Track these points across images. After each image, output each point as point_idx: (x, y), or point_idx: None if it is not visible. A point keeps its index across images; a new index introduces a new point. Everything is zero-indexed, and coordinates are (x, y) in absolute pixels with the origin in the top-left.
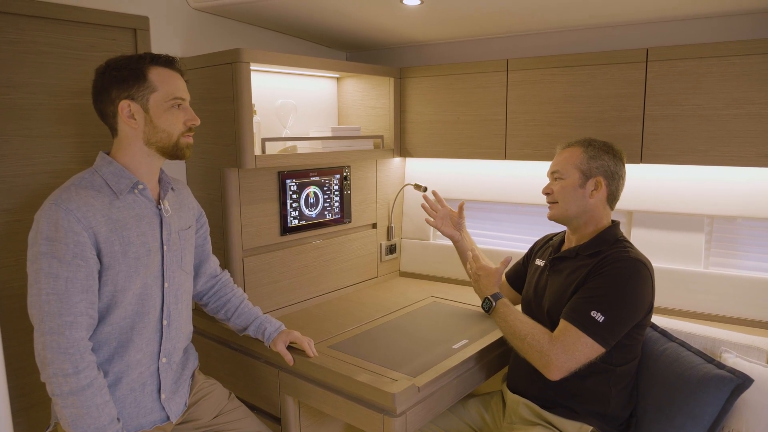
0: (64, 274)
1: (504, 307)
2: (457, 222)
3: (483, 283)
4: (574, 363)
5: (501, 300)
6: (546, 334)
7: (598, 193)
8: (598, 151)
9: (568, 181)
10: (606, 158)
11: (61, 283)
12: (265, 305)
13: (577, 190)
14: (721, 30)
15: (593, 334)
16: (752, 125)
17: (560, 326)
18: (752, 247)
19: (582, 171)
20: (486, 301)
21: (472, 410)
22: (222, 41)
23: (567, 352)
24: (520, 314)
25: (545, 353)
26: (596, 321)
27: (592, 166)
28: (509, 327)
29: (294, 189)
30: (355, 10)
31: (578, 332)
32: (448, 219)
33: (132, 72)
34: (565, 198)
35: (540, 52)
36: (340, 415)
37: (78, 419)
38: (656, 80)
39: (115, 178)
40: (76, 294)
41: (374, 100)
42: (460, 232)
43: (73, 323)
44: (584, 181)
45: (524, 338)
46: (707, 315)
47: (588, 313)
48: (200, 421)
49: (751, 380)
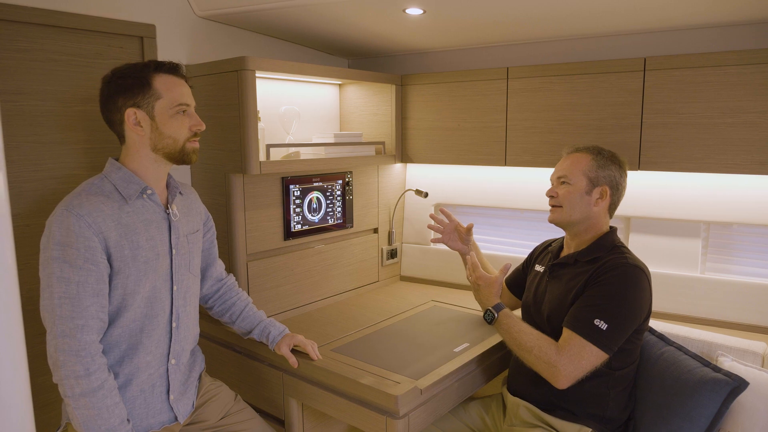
0: (75, 278)
1: (506, 319)
2: (465, 238)
3: (483, 293)
4: (581, 371)
5: (503, 311)
6: (552, 345)
7: (602, 201)
8: (607, 161)
9: (574, 187)
10: (613, 168)
11: (73, 287)
12: (269, 309)
13: (584, 197)
14: (718, 40)
15: (598, 342)
16: (748, 134)
17: (564, 336)
18: (748, 253)
19: (590, 178)
20: (488, 312)
21: (472, 413)
22: (226, 49)
23: (574, 362)
24: (523, 325)
25: (553, 364)
26: (600, 329)
27: (600, 174)
28: (513, 339)
29: (297, 194)
30: (358, 19)
31: (583, 341)
32: (455, 234)
33: (137, 80)
34: (571, 203)
35: (540, 60)
36: (344, 418)
37: (89, 420)
38: (654, 89)
39: (124, 184)
40: (87, 297)
41: (376, 107)
42: (468, 246)
43: (85, 326)
44: (591, 188)
45: (531, 350)
46: (704, 319)
47: (591, 322)
48: (207, 422)
49: (746, 383)
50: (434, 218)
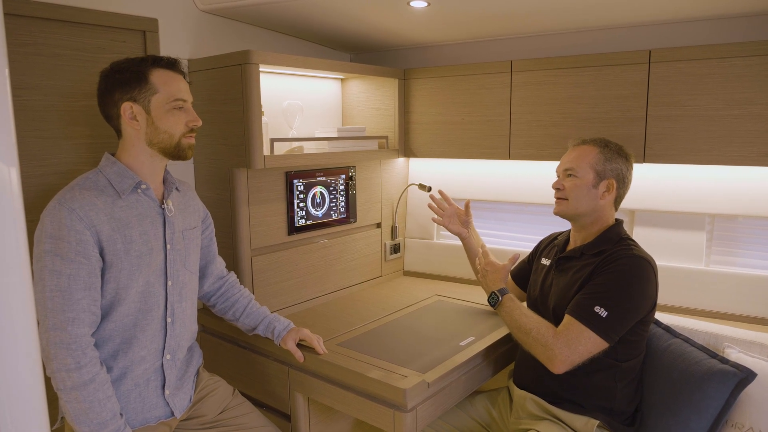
0: (66, 271)
1: (510, 302)
2: (465, 220)
3: (490, 278)
4: (578, 357)
5: (507, 295)
6: (550, 329)
7: (609, 194)
8: (614, 154)
9: (581, 180)
10: (620, 161)
11: (64, 280)
12: (273, 304)
13: (591, 190)
14: (723, 32)
15: (596, 329)
16: (753, 125)
17: (564, 321)
18: (753, 246)
19: (597, 171)
20: (492, 295)
21: (479, 406)
22: (229, 43)
23: (570, 346)
24: (525, 309)
25: (549, 347)
26: (600, 316)
27: (607, 168)
28: (514, 321)
29: (301, 189)
30: (362, 12)
31: (582, 327)
32: (455, 217)
33: (134, 74)
34: (577, 196)
35: (543, 53)
36: (351, 411)
37: (81, 414)
38: (659, 81)
39: (118, 178)
40: (79, 291)
41: (379, 101)
42: (467, 229)
43: (76, 319)
44: (598, 181)
45: (529, 332)
46: (709, 312)
47: (592, 309)
48: (205, 417)
49: (754, 374)
50: (433, 198)
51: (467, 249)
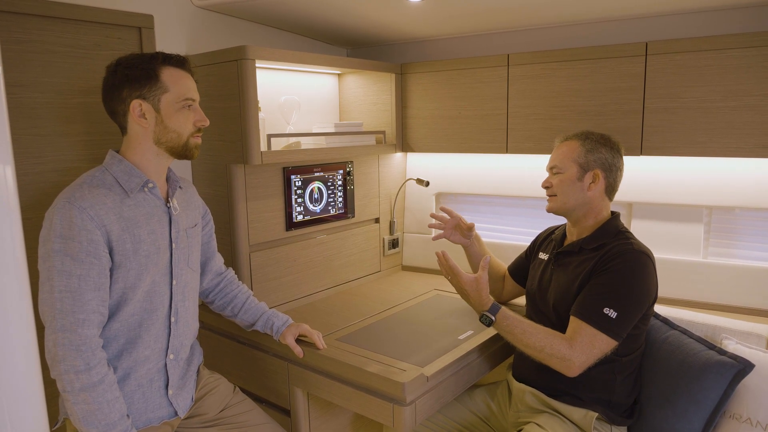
0: (77, 271)
1: (505, 321)
2: (467, 234)
3: (473, 298)
4: (593, 360)
5: (500, 313)
6: (563, 341)
7: (595, 185)
8: (596, 144)
9: (566, 175)
10: (603, 150)
11: (74, 280)
12: (272, 300)
13: (575, 183)
14: (719, 23)
15: (608, 331)
16: (750, 117)
17: (574, 326)
18: (750, 237)
19: (580, 164)
20: (483, 317)
21: (478, 400)
22: (224, 39)
23: (586, 353)
24: (525, 324)
25: (566, 358)
26: (609, 318)
27: (590, 159)
28: (519, 341)
29: (299, 184)
30: (359, 7)
31: (594, 331)
32: (456, 230)
33: (144, 72)
34: (564, 191)
35: (540, 46)
36: (350, 406)
37: (89, 415)
38: (655, 73)
39: (125, 177)
40: (89, 292)
41: (376, 96)
42: (469, 240)
43: (86, 320)
44: (582, 174)
45: (542, 350)
46: (707, 304)
47: (601, 311)
48: (207, 415)
49: (751, 365)
50: (435, 217)
51: (469, 255)
